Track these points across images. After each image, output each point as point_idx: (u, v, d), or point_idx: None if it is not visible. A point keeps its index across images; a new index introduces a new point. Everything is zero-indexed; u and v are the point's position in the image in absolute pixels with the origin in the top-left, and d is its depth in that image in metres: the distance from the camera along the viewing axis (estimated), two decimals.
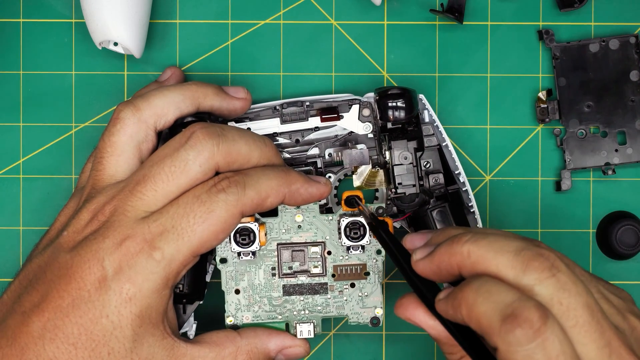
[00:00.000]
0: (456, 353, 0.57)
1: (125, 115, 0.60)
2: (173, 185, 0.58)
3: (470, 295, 0.52)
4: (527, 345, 0.49)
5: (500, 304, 0.50)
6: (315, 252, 0.64)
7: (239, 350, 0.61)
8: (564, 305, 0.51)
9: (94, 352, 0.56)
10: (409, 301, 0.58)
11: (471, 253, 0.53)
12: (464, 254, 0.54)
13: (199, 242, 0.57)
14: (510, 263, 0.52)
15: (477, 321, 0.51)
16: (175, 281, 0.58)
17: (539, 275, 0.51)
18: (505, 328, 0.49)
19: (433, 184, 0.66)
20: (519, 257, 0.52)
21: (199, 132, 0.59)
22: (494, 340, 0.50)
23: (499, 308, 0.50)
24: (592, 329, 0.51)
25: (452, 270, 0.55)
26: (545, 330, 0.50)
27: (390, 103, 0.65)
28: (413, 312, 0.57)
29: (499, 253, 0.53)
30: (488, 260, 0.53)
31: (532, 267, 0.52)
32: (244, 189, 0.58)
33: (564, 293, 0.51)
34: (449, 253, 0.55)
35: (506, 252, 0.53)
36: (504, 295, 0.51)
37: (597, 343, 0.51)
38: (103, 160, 0.60)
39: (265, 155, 0.61)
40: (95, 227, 0.58)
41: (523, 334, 0.49)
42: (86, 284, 0.56)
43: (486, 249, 0.53)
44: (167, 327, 0.59)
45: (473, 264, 0.53)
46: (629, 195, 0.71)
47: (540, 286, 0.51)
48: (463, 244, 0.54)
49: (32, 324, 0.56)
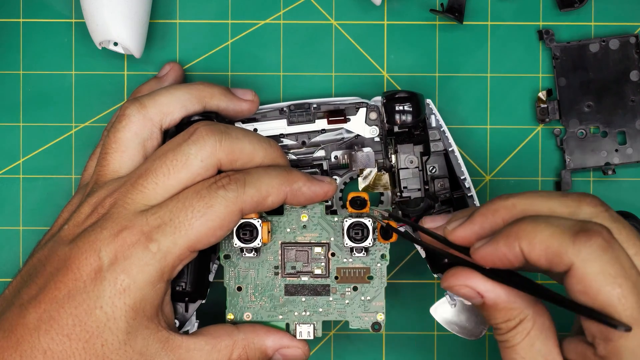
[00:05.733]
0: (514, 317, 0.55)
1: (131, 112, 0.61)
2: (174, 179, 0.58)
3: (528, 225, 0.52)
4: (604, 255, 0.50)
5: (565, 226, 0.51)
6: (319, 253, 0.64)
7: (235, 344, 0.61)
8: (624, 235, 0.52)
9: (87, 343, 0.56)
10: (460, 269, 0.56)
11: (517, 204, 0.54)
12: (509, 206, 0.54)
13: (196, 237, 0.57)
14: (563, 203, 0.53)
15: (543, 246, 0.51)
16: (171, 275, 0.58)
17: (595, 210, 0.53)
18: (580, 241, 0.50)
19: (438, 188, 0.66)
20: (568, 198, 0.53)
21: (202, 128, 0.59)
22: (567, 259, 0.50)
23: (567, 227, 0.51)
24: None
25: (497, 227, 0.54)
26: (615, 242, 0.50)
27: (397, 107, 0.65)
28: (468, 277, 0.55)
29: (546, 198, 0.54)
30: (538, 204, 0.53)
31: (586, 203, 0.53)
32: (244, 187, 0.58)
33: (620, 224, 0.52)
34: (491, 210, 0.55)
35: (554, 196, 0.54)
36: (565, 221, 0.51)
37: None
38: (107, 156, 0.61)
39: (270, 155, 0.61)
40: (95, 219, 0.58)
41: (598, 245, 0.50)
42: (82, 274, 0.56)
43: (533, 197, 0.54)
44: (162, 320, 0.59)
45: (522, 212, 0.54)
46: (629, 195, 0.71)
47: (597, 218, 0.52)
48: (506, 199, 0.54)
49: (28, 315, 0.56)
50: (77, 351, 0.56)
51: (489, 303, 0.55)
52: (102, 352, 0.56)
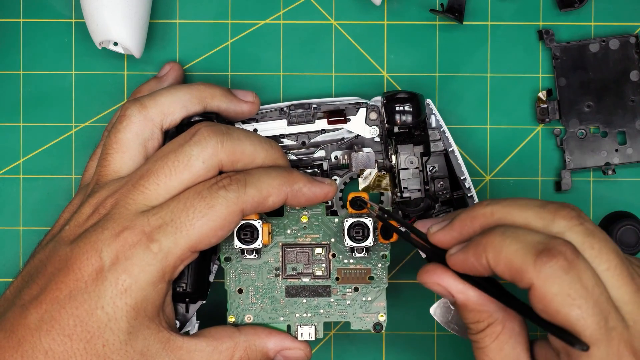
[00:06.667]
0: (483, 320, 0.56)
1: (132, 113, 0.61)
2: (176, 180, 0.58)
3: (496, 238, 0.52)
4: (564, 276, 0.50)
5: (530, 242, 0.51)
6: (320, 254, 0.64)
7: (236, 346, 0.61)
8: (596, 249, 0.52)
9: (89, 344, 0.56)
10: (436, 267, 0.57)
11: (495, 212, 0.54)
12: (487, 214, 0.54)
13: (197, 237, 0.57)
14: (538, 214, 0.53)
15: (507, 261, 0.51)
16: (172, 275, 0.58)
17: (568, 223, 0.52)
18: (541, 261, 0.50)
19: (439, 188, 0.66)
20: (545, 209, 0.53)
21: (204, 129, 0.59)
22: (528, 278, 0.51)
23: (531, 245, 0.51)
24: (624, 272, 0.52)
25: (473, 234, 0.55)
26: (578, 262, 0.50)
27: (397, 107, 0.65)
28: (441, 276, 0.56)
29: (524, 207, 0.54)
30: (514, 214, 0.54)
31: (561, 216, 0.53)
32: (244, 187, 0.58)
33: (594, 238, 0.52)
34: (470, 217, 0.55)
35: (532, 206, 0.54)
36: (533, 236, 0.52)
37: (630, 287, 0.52)
38: (108, 157, 0.61)
39: (271, 156, 0.61)
40: (96, 220, 0.58)
41: (559, 266, 0.50)
42: (83, 274, 0.56)
43: (510, 206, 0.54)
44: (163, 321, 0.59)
45: (498, 221, 0.54)
46: (629, 195, 0.71)
47: (570, 232, 0.52)
48: (485, 206, 0.55)
49: (29, 316, 0.56)
50: (79, 351, 0.56)
51: (459, 303, 0.56)
52: (103, 352, 0.56)
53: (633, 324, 0.51)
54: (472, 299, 0.56)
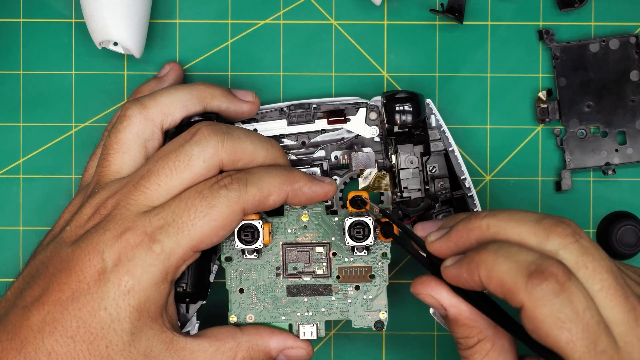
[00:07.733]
0: (473, 336, 0.56)
1: (132, 113, 0.61)
2: (176, 180, 0.58)
3: (489, 256, 0.52)
4: (554, 299, 0.50)
5: (523, 262, 0.51)
6: (320, 253, 0.64)
7: (239, 346, 0.61)
8: (590, 269, 0.51)
9: (92, 345, 0.56)
10: (430, 279, 0.57)
11: (491, 225, 0.54)
12: (483, 227, 0.54)
13: (199, 237, 0.57)
14: (533, 230, 0.53)
15: (499, 281, 0.51)
16: (174, 276, 0.58)
17: (563, 241, 0.52)
18: (532, 283, 0.50)
19: (439, 188, 0.66)
20: (540, 224, 0.53)
21: (204, 128, 0.59)
22: (519, 298, 0.50)
23: (523, 266, 0.51)
24: (617, 292, 0.51)
25: (470, 246, 0.55)
26: (570, 285, 0.50)
27: (397, 107, 0.65)
28: (435, 289, 0.56)
29: (520, 222, 0.53)
30: (509, 229, 0.53)
31: (555, 233, 0.52)
32: (245, 186, 0.58)
33: (588, 257, 0.52)
34: (467, 229, 0.55)
35: (527, 221, 0.53)
36: (526, 255, 0.51)
37: (623, 307, 0.51)
38: (109, 157, 0.61)
39: (271, 155, 0.61)
40: (97, 221, 0.58)
41: (550, 288, 0.50)
42: (86, 276, 0.56)
43: (506, 220, 0.54)
44: (166, 321, 0.59)
45: (493, 235, 0.54)
46: (629, 195, 0.71)
47: (564, 251, 0.52)
48: (482, 219, 0.54)
49: (32, 317, 0.56)
50: (82, 353, 0.56)
51: (451, 317, 0.56)
52: (107, 353, 0.56)
53: (624, 345, 0.51)
54: (464, 313, 0.56)
